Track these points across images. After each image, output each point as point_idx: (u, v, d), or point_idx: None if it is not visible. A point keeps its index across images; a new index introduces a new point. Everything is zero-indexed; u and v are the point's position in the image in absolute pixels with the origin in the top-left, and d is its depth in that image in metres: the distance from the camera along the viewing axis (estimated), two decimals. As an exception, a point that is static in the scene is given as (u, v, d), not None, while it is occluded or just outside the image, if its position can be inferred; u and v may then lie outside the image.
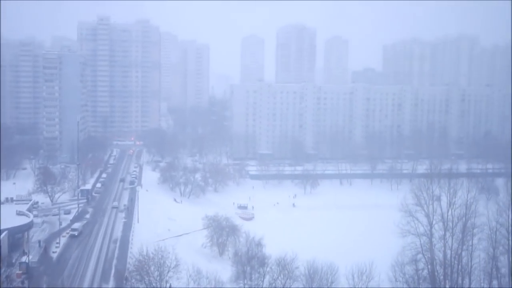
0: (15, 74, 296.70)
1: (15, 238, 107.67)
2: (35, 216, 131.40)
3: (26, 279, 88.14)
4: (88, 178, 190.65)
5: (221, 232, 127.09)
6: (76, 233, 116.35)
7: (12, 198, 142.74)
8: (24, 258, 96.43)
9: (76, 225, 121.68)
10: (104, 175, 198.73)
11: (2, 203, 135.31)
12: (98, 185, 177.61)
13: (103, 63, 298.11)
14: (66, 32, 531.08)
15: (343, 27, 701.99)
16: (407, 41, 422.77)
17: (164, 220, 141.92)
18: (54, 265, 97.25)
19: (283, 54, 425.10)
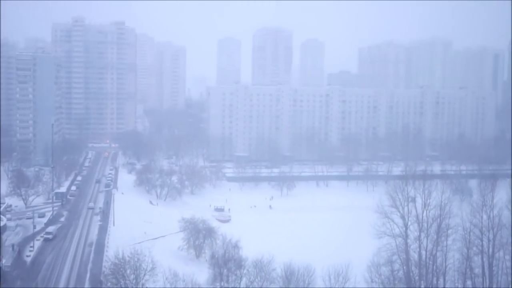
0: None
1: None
2: (9, 220, 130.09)
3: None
4: (63, 181, 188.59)
5: (198, 235, 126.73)
6: (51, 237, 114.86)
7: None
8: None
9: (51, 229, 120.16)
10: (79, 178, 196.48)
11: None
12: (73, 188, 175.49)
13: (78, 65, 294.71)
14: (40, 34, 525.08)
15: (319, 30, 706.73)
16: (382, 44, 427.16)
17: (140, 223, 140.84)
18: (28, 269, 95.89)
19: (260, 56, 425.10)
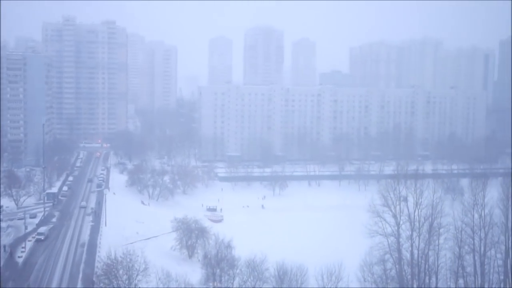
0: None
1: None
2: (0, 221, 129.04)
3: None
4: (54, 181, 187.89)
5: (190, 235, 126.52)
6: (43, 237, 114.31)
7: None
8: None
9: (42, 229, 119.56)
10: (71, 178, 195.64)
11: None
12: (65, 188, 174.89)
13: (69, 65, 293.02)
14: (31, 33, 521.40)
15: (311, 29, 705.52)
16: (374, 44, 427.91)
17: (132, 223, 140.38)
18: (20, 270, 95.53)
19: (251, 56, 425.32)
